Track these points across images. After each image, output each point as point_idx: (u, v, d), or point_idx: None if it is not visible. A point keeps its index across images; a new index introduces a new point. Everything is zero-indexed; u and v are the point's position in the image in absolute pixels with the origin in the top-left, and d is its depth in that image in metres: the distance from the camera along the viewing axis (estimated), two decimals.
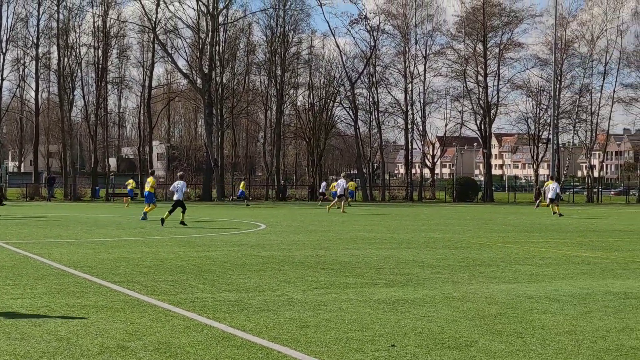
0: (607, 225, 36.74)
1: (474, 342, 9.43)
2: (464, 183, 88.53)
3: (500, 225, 35.30)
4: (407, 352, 8.86)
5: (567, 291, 13.80)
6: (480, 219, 42.05)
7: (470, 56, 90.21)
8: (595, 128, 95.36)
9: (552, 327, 10.47)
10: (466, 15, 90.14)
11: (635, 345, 9.40)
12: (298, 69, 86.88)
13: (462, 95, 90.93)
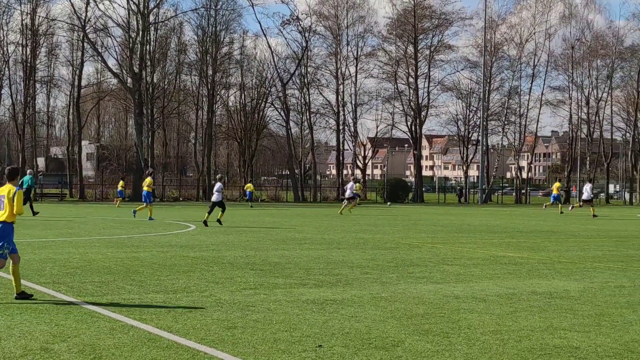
0: (534, 226, 37.23)
1: (401, 342, 9.47)
2: (394, 184, 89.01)
3: (429, 226, 35.57)
4: (334, 353, 8.87)
5: (494, 291, 13.95)
6: (410, 219, 42.33)
7: (401, 58, 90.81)
8: (524, 130, 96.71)
9: (478, 326, 10.57)
10: (397, 17, 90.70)
11: (558, 344, 9.53)
12: (230, 69, 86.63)
13: (393, 97, 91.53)
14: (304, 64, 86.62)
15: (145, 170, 73.54)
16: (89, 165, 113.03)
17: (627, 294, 13.88)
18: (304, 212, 52.03)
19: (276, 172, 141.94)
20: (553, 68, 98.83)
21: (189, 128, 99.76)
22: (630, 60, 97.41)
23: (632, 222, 42.97)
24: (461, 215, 48.77)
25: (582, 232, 33.18)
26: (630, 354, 9.05)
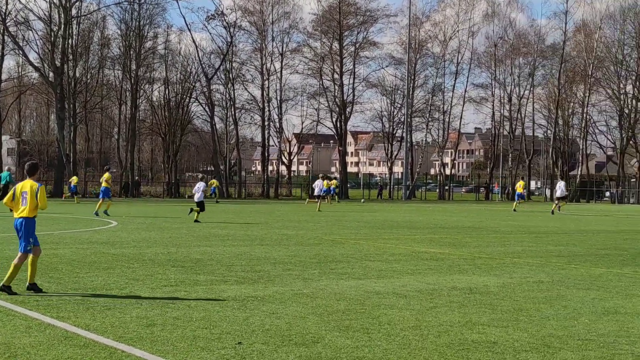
0: (456, 222, 37.61)
1: (321, 338, 9.47)
2: None
3: (353, 222, 35.68)
4: (253, 350, 8.83)
5: (415, 287, 14.04)
6: (334, 215, 42.43)
7: (327, 54, 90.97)
8: (447, 127, 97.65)
9: (398, 322, 10.62)
10: (322, 14, 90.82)
11: (477, 339, 9.62)
12: (154, 64, 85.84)
13: (319, 93, 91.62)
14: (229, 59, 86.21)
15: (66, 166, 72.63)
16: (10, 160, 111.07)
17: (545, 289, 14.08)
18: (228, 208, 51.82)
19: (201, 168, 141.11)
20: (476, 66, 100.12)
21: (112, 123, 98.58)
22: (552, 58, 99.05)
23: (552, 218, 43.63)
24: (385, 212, 49.05)
25: (502, 227, 33.63)
26: (547, 349, 9.17)
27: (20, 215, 12.64)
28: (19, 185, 12.84)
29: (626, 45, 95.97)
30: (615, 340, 9.70)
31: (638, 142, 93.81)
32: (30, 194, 12.57)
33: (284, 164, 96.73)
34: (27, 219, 12.58)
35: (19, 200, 12.71)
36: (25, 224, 12.57)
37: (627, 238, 28.26)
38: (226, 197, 79.77)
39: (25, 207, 12.59)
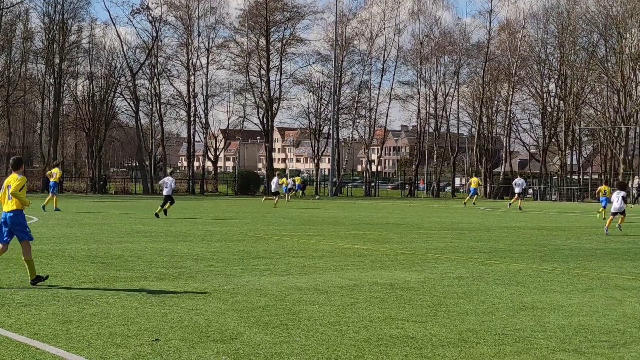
0: (381, 218, 37.81)
1: (240, 335, 9.42)
2: (246, 176, 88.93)
3: (278, 218, 35.64)
4: (170, 346, 8.75)
5: (336, 282, 14.05)
6: (260, 212, 42.35)
7: (253, 50, 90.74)
8: (374, 124, 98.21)
9: (318, 318, 10.61)
10: (249, 9, 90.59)
11: (395, 334, 9.66)
12: (78, 58, 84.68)
13: (245, 89, 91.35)
14: (154, 54, 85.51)
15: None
16: None
17: (464, 285, 14.21)
18: (153, 204, 51.30)
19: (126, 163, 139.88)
20: (402, 63, 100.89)
21: (35, 118, 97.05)
22: (476, 56, 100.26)
23: (475, 215, 44.13)
24: (310, 208, 49.09)
25: (426, 224, 33.90)
26: (464, 343, 9.24)
27: (10, 209, 13.00)
28: (6, 180, 13.21)
29: (549, 45, 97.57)
30: (531, 335, 9.82)
31: (560, 140, 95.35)
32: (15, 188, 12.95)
33: (210, 160, 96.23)
34: (17, 212, 13.02)
35: (5, 195, 13.09)
36: (14, 216, 13.00)
37: (547, 234, 28.70)
38: (151, 193, 79.09)
39: (11, 201, 12.97)
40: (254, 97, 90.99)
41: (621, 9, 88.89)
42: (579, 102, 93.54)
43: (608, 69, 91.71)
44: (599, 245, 24.09)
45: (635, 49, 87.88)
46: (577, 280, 15.27)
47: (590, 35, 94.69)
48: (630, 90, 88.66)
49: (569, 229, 32.17)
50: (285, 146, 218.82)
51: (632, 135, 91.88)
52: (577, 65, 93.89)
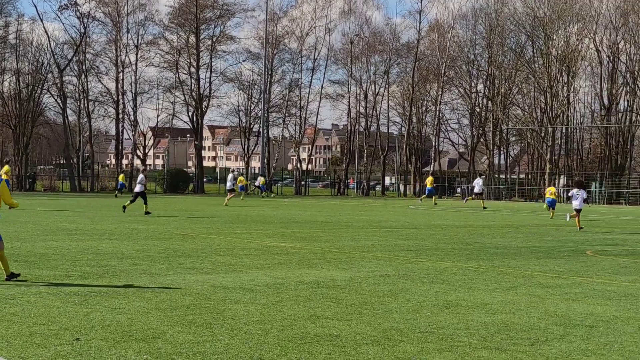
0: (309, 217, 37.84)
1: (162, 334, 9.32)
2: (175, 174, 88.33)
3: (206, 217, 35.46)
4: (91, 346, 8.62)
5: (263, 281, 14.01)
6: (188, 210, 42.10)
7: (183, 47, 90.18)
8: (304, 122, 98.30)
9: (243, 316, 10.55)
10: (179, 7, 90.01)
11: (319, 332, 9.64)
12: (4, 54, 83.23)
13: (175, 86, 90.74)
14: (82, 51, 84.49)
15: None
16: None
17: (390, 283, 14.26)
18: (79, 202, 50.76)
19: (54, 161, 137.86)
20: (333, 62, 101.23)
21: None
22: (406, 56, 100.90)
23: (404, 213, 44.41)
24: (239, 207, 48.92)
25: (355, 222, 34.00)
26: (388, 341, 9.26)
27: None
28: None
29: (477, 45, 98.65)
30: (455, 332, 9.88)
31: (488, 140, 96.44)
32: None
33: (139, 158, 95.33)
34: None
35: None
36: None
37: (474, 233, 28.98)
38: (78, 191, 78.19)
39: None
40: (184, 95, 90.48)
41: (548, 10, 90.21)
42: (507, 102, 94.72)
43: (535, 70, 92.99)
44: (523, 243, 24.39)
45: (561, 50, 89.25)
46: (501, 278, 15.43)
47: (518, 37, 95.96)
48: (557, 91, 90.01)
49: (495, 228, 32.53)
50: (216, 144, 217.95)
51: (558, 135, 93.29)
52: (505, 66, 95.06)
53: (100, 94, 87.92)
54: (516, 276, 15.81)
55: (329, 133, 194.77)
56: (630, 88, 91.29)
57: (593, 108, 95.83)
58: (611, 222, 39.77)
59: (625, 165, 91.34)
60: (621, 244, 25.01)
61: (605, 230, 32.62)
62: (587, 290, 13.94)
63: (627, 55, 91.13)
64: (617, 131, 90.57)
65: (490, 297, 12.89)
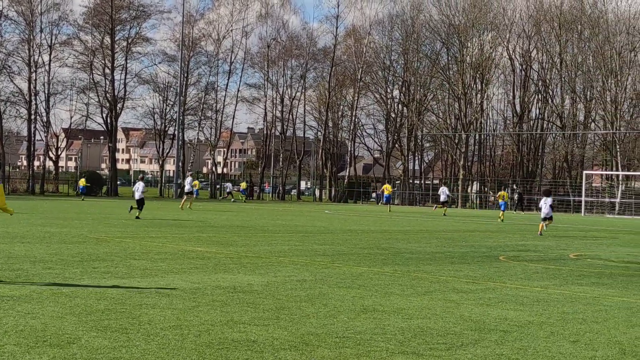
0: (225, 221, 37.69)
1: (77, 339, 9.17)
2: (88, 176, 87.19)
3: (120, 220, 35.06)
4: (4, 352, 8.44)
5: (179, 286, 13.89)
6: (102, 213, 41.58)
7: (98, 48, 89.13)
8: (220, 126, 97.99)
9: (159, 322, 10.45)
10: (94, 7, 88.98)
11: (237, 337, 9.60)
12: None
13: (89, 88, 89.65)
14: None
15: None
16: None
17: (307, 288, 14.27)
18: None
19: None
20: (249, 66, 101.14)
21: None
22: (323, 61, 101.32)
23: (320, 218, 44.53)
24: (154, 210, 48.50)
25: (271, 227, 33.97)
26: (305, 346, 9.26)
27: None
28: None
29: (393, 52, 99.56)
30: (372, 338, 9.93)
31: (403, 145, 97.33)
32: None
33: (51, 160, 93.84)
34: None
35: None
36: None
37: (389, 238, 29.19)
38: None
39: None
40: (98, 96, 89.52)
41: (463, 18, 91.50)
42: (422, 108, 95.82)
43: (450, 76, 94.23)
44: (438, 249, 24.66)
45: (475, 58, 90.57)
46: (416, 283, 15.57)
47: (434, 44, 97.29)
48: (471, 98, 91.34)
49: (410, 233, 32.82)
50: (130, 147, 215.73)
51: (471, 141, 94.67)
52: (420, 72, 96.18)
53: (12, 94, 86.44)
54: (431, 281, 15.97)
55: (245, 137, 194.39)
56: (541, 96, 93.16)
57: (506, 115, 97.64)
58: (523, 228, 40.45)
59: (537, 172, 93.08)
60: (533, 250, 25.46)
61: (517, 236, 33.16)
62: (500, 296, 14.15)
63: (539, 63, 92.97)
64: (529, 138, 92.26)
65: (406, 302, 12.99)
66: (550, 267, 19.86)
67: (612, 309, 13.01)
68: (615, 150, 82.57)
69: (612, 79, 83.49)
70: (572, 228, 42.15)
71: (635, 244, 30.32)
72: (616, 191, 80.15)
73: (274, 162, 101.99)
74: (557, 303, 13.43)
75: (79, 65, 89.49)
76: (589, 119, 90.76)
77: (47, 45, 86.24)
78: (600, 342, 10.14)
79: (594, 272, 18.76)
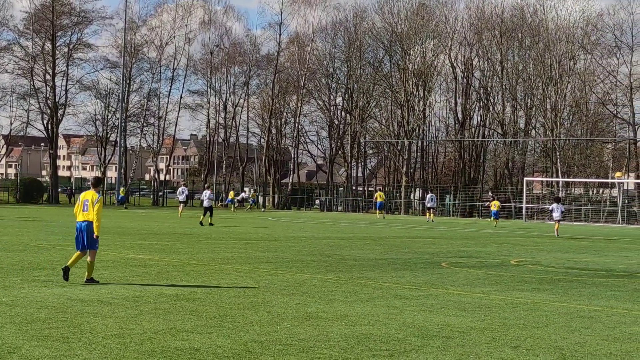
0: (168, 228, 37.48)
1: (18, 349, 9.08)
2: (29, 184, 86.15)
3: (61, 228, 34.69)
4: None
5: (121, 294, 13.79)
6: (43, 220, 41.09)
7: (39, 54, 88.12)
8: (162, 132, 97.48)
9: (101, 330, 10.37)
10: (35, 12, 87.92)
11: (180, 346, 9.56)
12: None
13: (29, 94, 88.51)
14: None
15: None
16: None
17: (251, 295, 14.26)
18: None
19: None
20: (192, 72, 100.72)
21: None
22: (266, 68, 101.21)
23: (263, 225, 44.44)
24: None
25: (214, 234, 33.84)
26: (249, 354, 9.26)
27: (84, 219, 15.15)
28: (82, 195, 15.45)
29: (337, 59, 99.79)
30: (315, 345, 9.95)
31: (346, 152, 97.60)
32: (90, 203, 15.07)
33: None
34: (90, 223, 15.12)
35: (81, 207, 15.17)
36: (87, 227, 15.14)
37: (333, 245, 29.23)
38: None
39: (87, 213, 15.09)
40: (39, 103, 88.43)
41: (405, 26, 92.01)
42: (365, 115, 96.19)
43: (392, 84, 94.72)
44: (381, 255, 24.76)
45: (418, 65, 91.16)
46: (360, 290, 15.62)
47: (376, 51, 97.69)
48: (413, 105, 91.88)
49: (353, 240, 32.91)
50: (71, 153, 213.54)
51: (414, 148, 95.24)
52: (364, 79, 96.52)
53: None
54: (374, 288, 16.04)
55: (188, 143, 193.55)
56: (483, 103, 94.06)
57: (448, 122, 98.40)
58: (464, 235, 40.79)
59: (478, 179, 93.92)
60: (475, 256, 25.68)
61: (459, 243, 33.43)
62: (443, 302, 14.26)
63: (480, 71, 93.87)
64: (471, 145, 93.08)
65: (349, 308, 13.03)
66: (492, 273, 20.05)
67: (553, 314, 13.18)
68: (555, 157, 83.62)
69: (552, 87, 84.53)
70: (513, 234, 42.59)
71: (575, 250, 30.73)
72: None
73: (217, 169, 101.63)
74: (498, 309, 13.57)
75: (19, 72, 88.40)
76: (529, 126, 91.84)
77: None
78: (541, 347, 10.27)
79: (534, 278, 18.98)
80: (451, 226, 52.23)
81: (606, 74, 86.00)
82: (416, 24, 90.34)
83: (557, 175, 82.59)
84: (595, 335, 11.29)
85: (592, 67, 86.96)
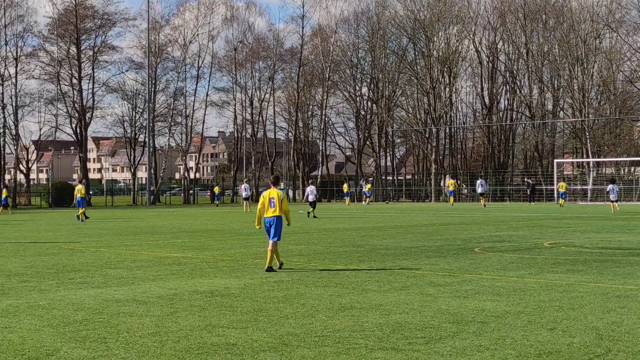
0: (200, 226, 37.61)
1: (56, 351, 9.15)
2: (60, 188, 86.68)
3: (95, 230, 34.91)
4: None
5: (156, 292, 13.87)
6: (76, 223, 41.36)
7: (64, 59, 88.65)
8: (190, 131, 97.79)
9: (137, 329, 10.44)
10: (59, 17, 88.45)
11: (216, 342, 9.60)
12: None
13: (57, 99, 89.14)
14: None
15: None
16: None
17: (285, 288, 14.29)
18: None
19: None
20: (217, 69, 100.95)
21: None
22: (290, 62, 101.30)
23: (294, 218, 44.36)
24: (128, 218, 48.35)
25: (246, 230, 33.90)
26: (285, 347, 9.29)
27: (273, 215, 17.03)
28: (267, 193, 17.30)
29: (360, 49, 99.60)
30: (351, 335, 9.97)
31: (374, 142, 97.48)
32: (277, 199, 17.03)
33: (22, 172, 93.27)
34: (279, 217, 17.08)
35: (268, 204, 17.04)
36: (277, 221, 17.04)
37: (364, 235, 29.24)
38: None
39: (274, 209, 17.03)
40: (66, 107, 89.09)
41: (428, 13, 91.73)
42: (391, 104, 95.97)
43: (417, 71, 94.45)
44: (413, 243, 24.73)
45: (442, 52, 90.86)
46: (393, 278, 15.62)
47: (400, 39, 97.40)
48: (439, 92, 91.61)
49: (385, 229, 32.89)
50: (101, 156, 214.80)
51: (442, 135, 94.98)
52: (388, 68, 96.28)
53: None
54: (408, 276, 16.03)
55: (216, 141, 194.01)
56: (509, 87, 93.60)
57: (475, 108, 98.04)
58: (497, 219, 40.64)
59: (508, 163, 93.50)
60: (507, 240, 25.59)
61: (491, 227, 33.32)
62: (477, 287, 14.23)
63: (505, 54, 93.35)
64: (499, 129, 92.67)
65: (383, 298, 13.04)
66: (525, 256, 19.98)
67: (588, 295, 13.12)
68: (584, 138, 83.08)
69: (579, 67, 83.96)
70: (545, 217, 42.40)
71: (608, 230, 30.55)
72: (588, 178, 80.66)
73: (246, 165, 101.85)
74: (533, 292, 13.52)
75: (46, 77, 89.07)
76: (557, 107, 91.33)
77: (13, 58, 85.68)
78: (577, 329, 10.23)
79: (568, 260, 18.90)
80: (482, 211, 52.04)
81: (632, 52, 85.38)
82: (439, 10, 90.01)
83: (587, 156, 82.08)
84: (631, 315, 11.23)
85: (618, 45, 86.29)
